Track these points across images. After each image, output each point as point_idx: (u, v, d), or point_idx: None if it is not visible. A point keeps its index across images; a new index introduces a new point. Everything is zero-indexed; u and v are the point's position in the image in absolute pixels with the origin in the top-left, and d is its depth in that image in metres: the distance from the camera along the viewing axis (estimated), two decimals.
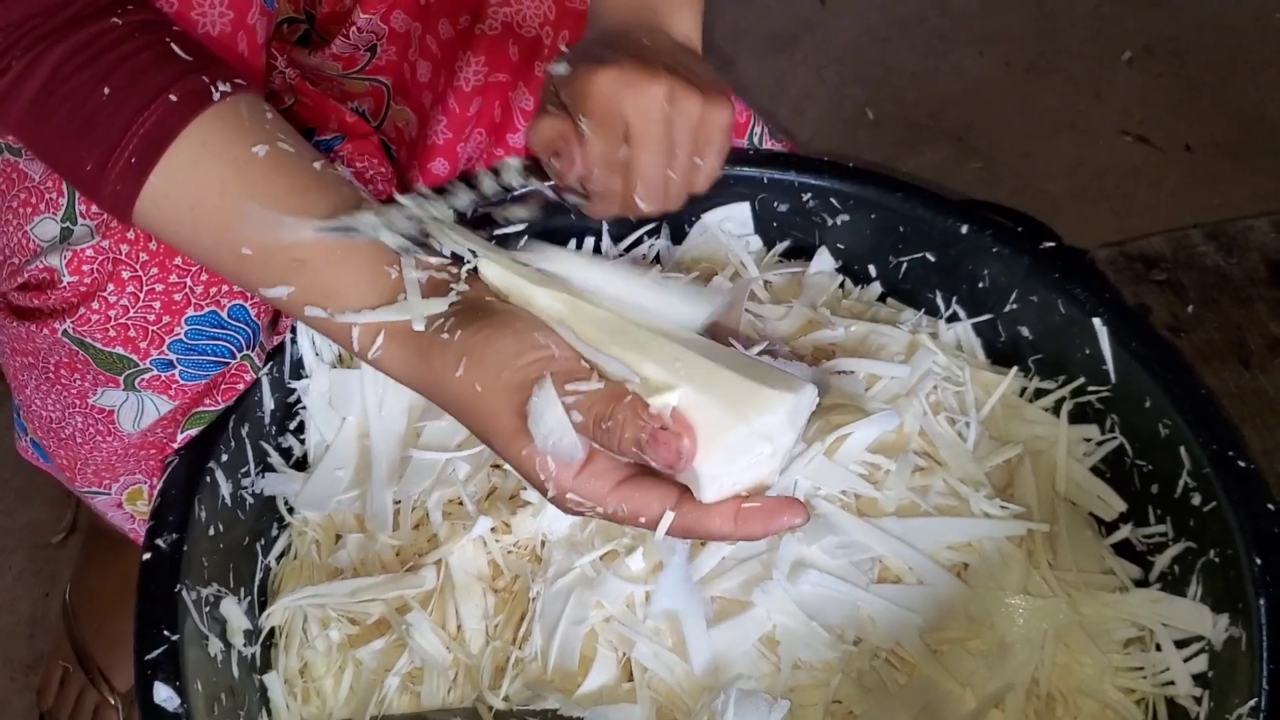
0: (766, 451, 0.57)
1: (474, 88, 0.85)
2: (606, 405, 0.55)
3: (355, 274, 0.59)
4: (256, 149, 0.58)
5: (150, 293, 0.69)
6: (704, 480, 0.55)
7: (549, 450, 0.56)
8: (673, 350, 0.57)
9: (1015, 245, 0.89)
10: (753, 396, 0.55)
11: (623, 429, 0.54)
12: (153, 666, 0.68)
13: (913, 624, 0.77)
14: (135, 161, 0.56)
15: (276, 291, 0.59)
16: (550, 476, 0.56)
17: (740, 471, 0.56)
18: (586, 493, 0.56)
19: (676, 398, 0.55)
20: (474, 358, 0.57)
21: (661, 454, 0.54)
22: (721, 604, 0.77)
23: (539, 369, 0.56)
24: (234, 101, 0.59)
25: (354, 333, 0.59)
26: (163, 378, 0.73)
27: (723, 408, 0.55)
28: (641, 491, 0.57)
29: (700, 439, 0.55)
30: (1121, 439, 0.86)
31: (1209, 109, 1.55)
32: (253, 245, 0.58)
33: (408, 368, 0.59)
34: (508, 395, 0.56)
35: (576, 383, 0.55)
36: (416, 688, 0.78)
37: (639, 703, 0.74)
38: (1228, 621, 0.74)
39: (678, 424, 0.55)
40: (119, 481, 0.81)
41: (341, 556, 0.83)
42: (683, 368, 0.56)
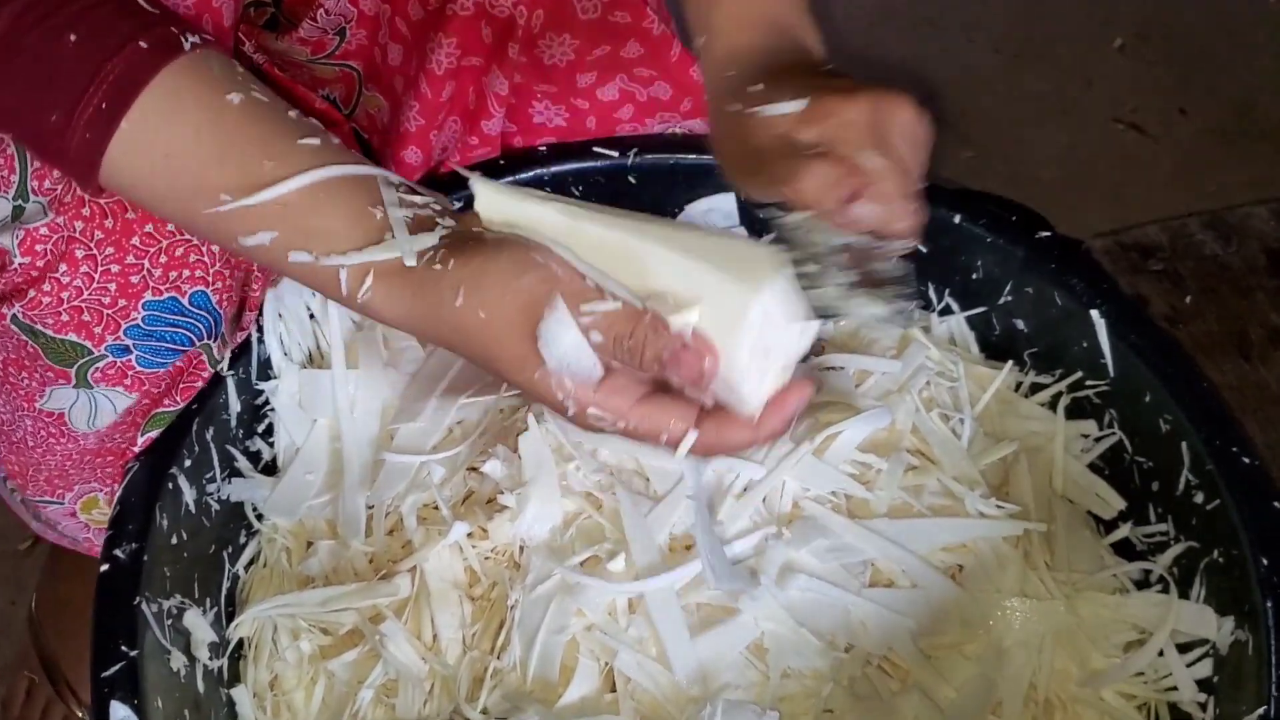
0: (792, 335, 0.55)
1: (446, 70, 0.82)
2: (627, 324, 0.53)
3: (339, 215, 0.57)
4: (231, 96, 0.57)
5: (106, 273, 0.66)
6: (741, 387, 0.54)
7: (563, 371, 0.54)
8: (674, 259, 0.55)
9: (1010, 235, 0.86)
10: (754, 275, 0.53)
11: (644, 347, 0.53)
12: (110, 684, 0.65)
13: (906, 629, 0.75)
14: (106, 107, 0.54)
15: (257, 239, 0.57)
16: (569, 394, 0.55)
17: (773, 366, 0.55)
18: (608, 408, 0.55)
19: (695, 316, 0.54)
20: (473, 284, 0.55)
21: (684, 372, 0.53)
22: (707, 611, 0.75)
23: (545, 288, 0.54)
24: (204, 53, 0.57)
25: (341, 275, 0.57)
26: (118, 364, 0.70)
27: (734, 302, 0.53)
28: (663, 409, 0.55)
29: (724, 346, 0.53)
30: (1120, 435, 0.83)
31: (1202, 96, 1.53)
32: (232, 190, 0.56)
33: (400, 306, 0.57)
34: (515, 318, 0.54)
35: (592, 303, 0.54)
36: (391, 700, 0.75)
37: (622, 714, 0.72)
38: (1233, 624, 0.72)
39: (698, 342, 0.53)
40: (73, 490, 0.78)
41: (313, 564, 0.80)
42: (687, 274, 0.54)
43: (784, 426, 0.56)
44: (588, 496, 0.78)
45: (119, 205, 0.66)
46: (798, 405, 0.55)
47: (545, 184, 0.88)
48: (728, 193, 0.93)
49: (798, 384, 0.55)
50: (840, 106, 0.58)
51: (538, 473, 0.77)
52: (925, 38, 1.59)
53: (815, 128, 0.58)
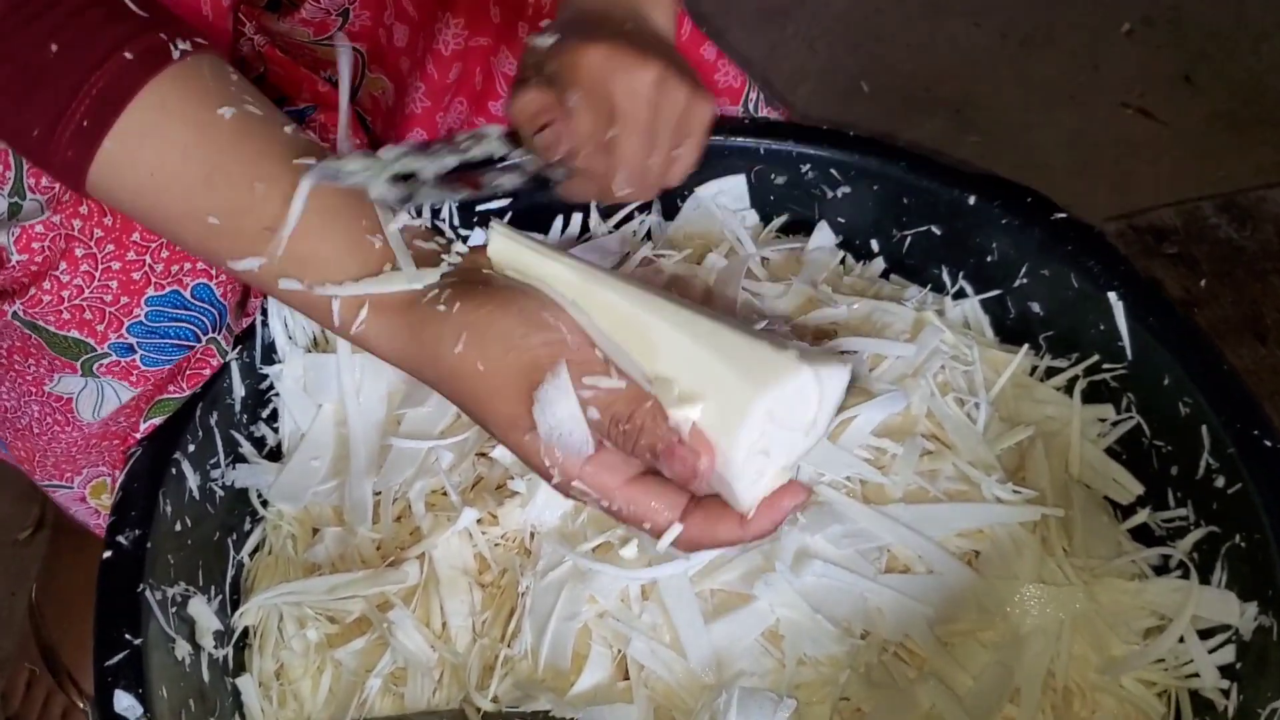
0: (796, 436, 0.54)
1: (453, 51, 0.81)
2: (627, 407, 0.52)
3: (334, 242, 0.55)
4: (222, 111, 0.54)
5: (106, 271, 0.64)
6: (736, 485, 0.53)
7: (553, 441, 0.53)
8: (684, 344, 0.54)
9: (1025, 217, 0.85)
10: (764, 380, 0.52)
11: (640, 435, 0.52)
12: (113, 673, 0.64)
13: (922, 615, 0.74)
14: (88, 125, 0.52)
15: (247, 264, 0.55)
16: (556, 463, 0.53)
17: (773, 466, 0.54)
18: (595, 484, 0.54)
19: (697, 413, 0.52)
20: (475, 333, 0.53)
21: (678, 469, 0.52)
22: (722, 597, 0.73)
23: (550, 353, 0.53)
24: (195, 61, 0.54)
25: (334, 306, 0.55)
26: (123, 363, 0.68)
27: (737, 398, 0.52)
28: (651, 495, 0.54)
29: (722, 444, 0.52)
30: (1138, 418, 0.82)
31: (1210, 81, 1.51)
32: (220, 213, 0.54)
33: (396, 343, 0.55)
34: (513, 377, 0.53)
35: (596, 377, 0.52)
36: (400, 689, 0.74)
37: (635, 702, 0.70)
38: (1256, 609, 0.71)
39: (696, 439, 0.52)
40: (81, 474, 0.77)
41: (319, 551, 0.78)
42: (694, 362, 0.53)
43: (773, 528, 0.55)
44: None
45: None
46: (790, 508, 0.54)
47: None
48: (738, 175, 0.92)
49: (792, 486, 0.54)
50: (577, 49, 0.58)
51: None
52: (931, 22, 1.58)
53: (553, 62, 0.59)
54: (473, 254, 0.58)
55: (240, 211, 0.54)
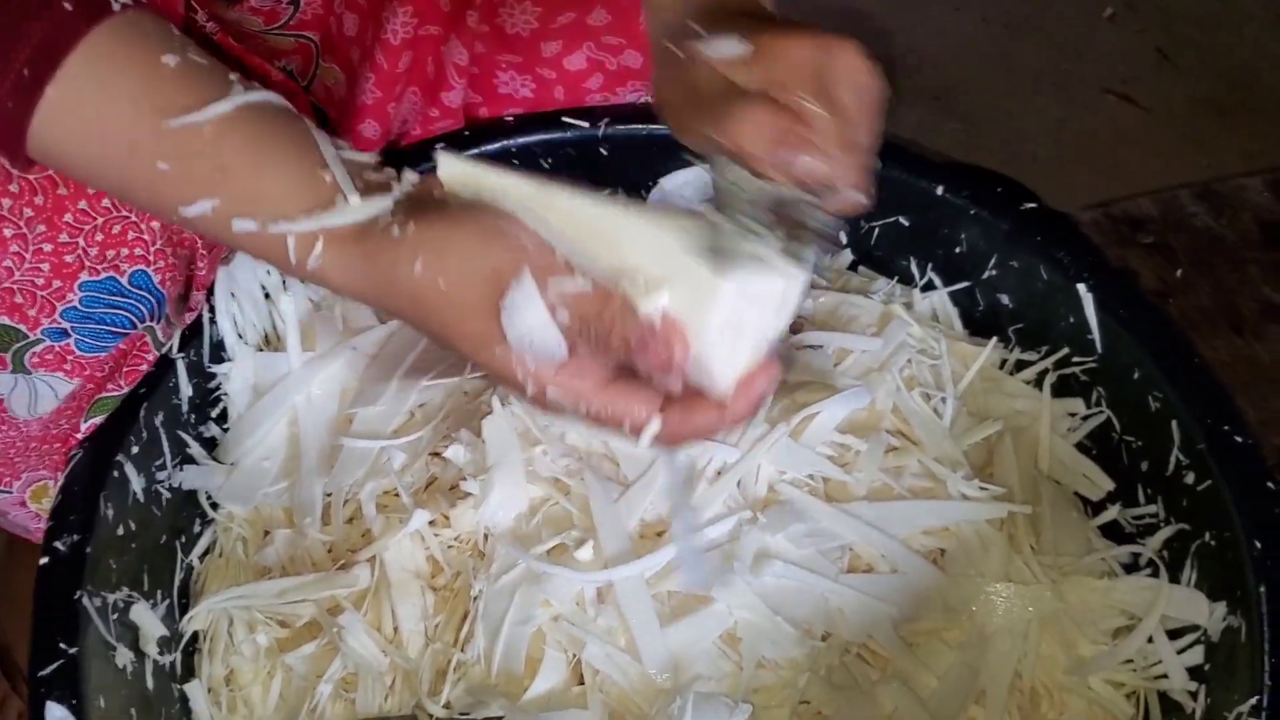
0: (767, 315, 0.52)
1: (403, 40, 0.79)
2: (595, 306, 0.51)
3: (284, 179, 0.54)
4: (166, 59, 0.53)
5: (38, 253, 0.63)
6: (712, 366, 0.51)
7: (524, 349, 0.51)
8: (646, 234, 0.52)
9: (994, 208, 0.83)
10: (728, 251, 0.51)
11: (612, 331, 0.50)
12: (46, 684, 0.62)
13: (886, 616, 0.72)
14: (28, 74, 0.51)
15: (199, 207, 0.54)
16: (529, 373, 0.52)
17: (747, 343, 0.52)
18: (570, 390, 0.52)
19: (666, 299, 0.50)
20: (433, 252, 0.52)
21: (652, 359, 0.50)
22: (679, 600, 0.72)
23: (512, 261, 0.51)
24: (137, 15, 0.54)
25: (289, 243, 0.54)
26: (56, 349, 0.67)
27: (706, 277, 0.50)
28: (627, 395, 0.52)
29: (694, 326, 0.50)
30: (1109, 413, 0.80)
31: (1194, 67, 1.50)
32: (169, 157, 0.53)
33: (353, 273, 0.54)
34: (477, 290, 0.51)
35: (560, 278, 0.51)
36: (351, 695, 0.72)
37: (590, 707, 0.69)
38: (1225, 610, 0.69)
39: (668, 328, 0.50)
40: (20, 478, 0.75)
41: (269, 554, 0.77)
42: (658, 251, 0.51)
43: (751, 409, 0.53)
44: (555, 482, 0.75)
45: (49, 181, 0.63)
46: (765, 386, 0.52)
47: (513, 156, 0.85)
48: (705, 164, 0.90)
49: (765, 365, 0.53)
50: (783, 49, 0.54)
51: (502, 458, 0.74)
52: (913, 8, 1.56)
53: (755, 71, 0.55)
54: (425, 182, 0.56)
55: (190, 154, 0.53)
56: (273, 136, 0.54)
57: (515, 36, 0.83)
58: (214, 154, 0.53)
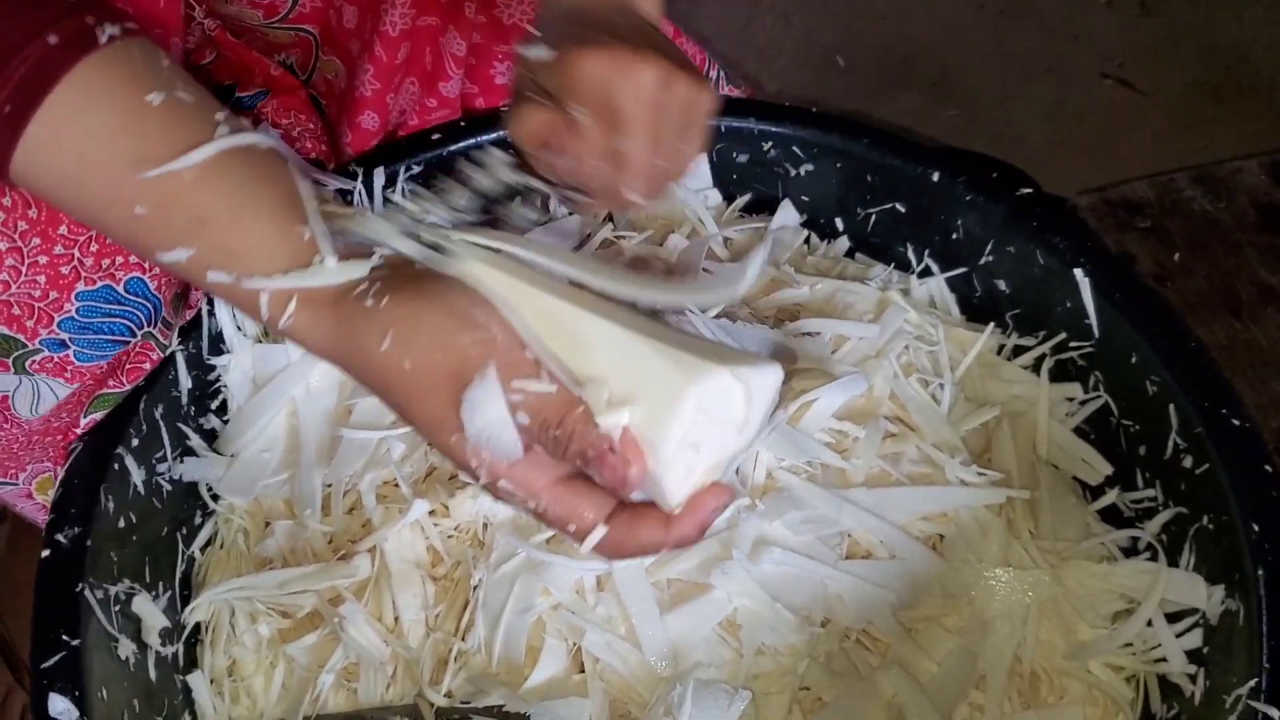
0: (728, 434, 0.52)
1: (401, 32, 0.79)
2: (557, 413, 0.50)
3: (262, 234, 0.53)
4: (150, 97, 0.52)
5: (33, 266, 0.62)
6: (664, 480, 0.51)
7: (481, 443, 0.51)
8: (616, 338, 0.52)
9: (990, 193, 0.83)
10: (695, 373, 0.50)
11: (570, 440, 0.50)
12: (48, 676, 0.63)
13: (885, 602, 0.72)
14: (10, 111, 0.50)
15: (175, 255, 0.53)
16: (484, 463, 0.51)
17: (703, 463, 0.51)
18: (521, 484, 0.52)
19: (627, 417, 0.50)
20: (403, 331, 0.51)
21: (608, 476, 0.50)
22: (679, 587, 0.72)
23: (480, 353, 0.50)
24: (124, 46, 0.52)
25: (262, 299, 0.53)
26: (56, 359, 0.66)
27: (669, 388, 0.50)
28: (578, 496, 0.52)
29: (652, 440, 0.50)
30: (1106, 398, 0.80)
31: (1191, 50, 1.49)
32: (147, 203, 0.52)
33: (324, 338, 0.53)
34: (441, 377, 0.51)
35: (525, 380, 0.50)
36: (353, 685, 0.73)
37: (590, 696, 0.69)
38: (1224, 593, 0.69)
39: (627, 446, 0.50)
40: (26, 470, 0.75)
41: (270, 545, 0.77)
42: (625, 358, 0.51)
43: (697, 532, 0.52)
44: None
45: None
46: (714, 510, 0.52)
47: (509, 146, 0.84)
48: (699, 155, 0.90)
49: (715, 487, 0.52)
50: (575, 59, 0.55)
51: None
52: None
53: (552, 77, 0.57)
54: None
55: (167, 201, 0.52)
56: (254, 187, 0.53)
57: (512, 26, 0.82)
58: (193, 203, 0.52)
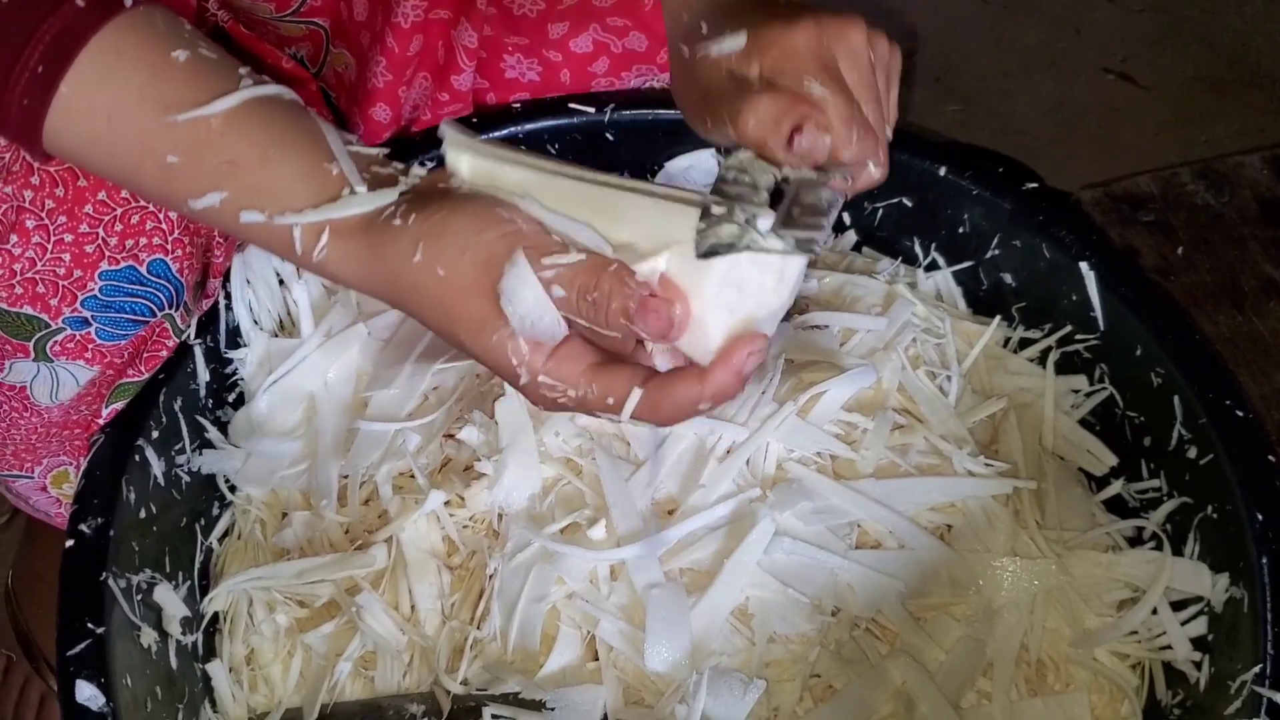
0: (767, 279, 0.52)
1: (413, 24, 0.80)
2: (591, 276, 0.51)
3: (292, 172, 0.54)
4: (176, 54, 0.54)
5: (59, 244, 0.64)
6: (713, 328, 0.51)
7: (527, 331, 0.52)
8: (644, 204, 0.53)
9: (996, 188, 0.84)
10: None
11: (610, 299, 0.50)
12: (75, 663, 0.63)
13: (894, 591, 0.73)
14: (42, 71, 0.51)
15: (208, 200, 0.54)
16: (523, 361, 0.52)
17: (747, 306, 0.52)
18: (559, 376, 0.53)
19: (664, 262, 0.51)
20: (432, 239, 0.52)
21: (652, 322, 0.50)
22: (691, 577, 0.73)
23: (507, 244, 0.51)
24: (148, 10, 0.54)
25: (295, 234, 0.54)
26: (78, 338, 0.67)
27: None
28: (611, 373, 0.53)
29: (691, 289, 0.51)
30: (1111, 389, 0.81)
31: (1192, 44, 1.50)
32: (178, 151, 0.54)
33: (357, 264, 0.55)
34: (475, 275, 0.52)
35: (554, 255, 0.51)
36: (370, 673, 0.74)
37: (605, 683, 0.70)
38: (1228, 581, 0.71)
39: (666, 289, 0.51)
40: (42, 464, 0.76)
41: (287, 535, 0.78)
42: (656, 218, 0.52)
43: (734, 380, 0.52)
44: (567, 462, 0.76)
45: (70, 173, 0.63)
46: (749, 354, 0.51)
47: (520, 141, 0.86)
48: (707, 149, 0.91)
49: (749, 335, 0.51)
50: (781, 35, 0.55)
51: (515, 439, 0.75)
52: None
53: (758, 61, 0.55)
54: (431, 174, 0.57)
55: (198, 148, 0.54)
56: (281, 129, 0.55)
57: (522, 18, 0.83)
58: (222, 147, 0.54)
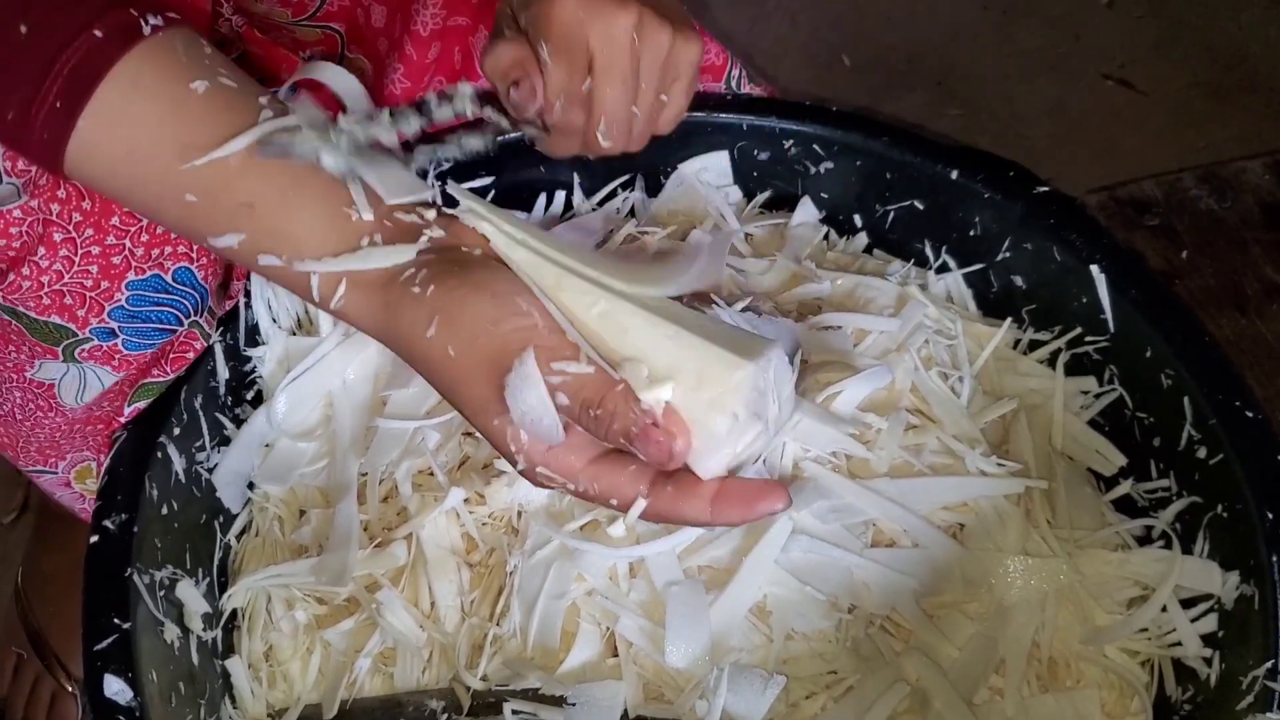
0: (755, 429, 0.53)
1: (432, 31, 0.80)
2: (596, 392, 0.51)
3: (311, 217, 0.55)
4: (195, 85, 0.53)
5: (86, 256, 0.64)
6: (710, 460, 0.52)
7: (527, 427, 0.52)
8: (654, 329, 0.53)
9: (1007, 191, 0.85)
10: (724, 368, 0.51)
11: (612, 419, 0.51)
12: (102, 658, 0.64)
13: (908, 588, 0.74)
14: (61, 105, 0.51)
15: (226, 240, 0.55)
16: (522, 449, 0.53)
17: (734, 448, 0.53)
18: (559, 468, 0.53)
19: (669, 393, 0.51)
20: (447, 318, 0.52)
21: (652, 452, 0.51)
22: (710, 574, 0.74)
23: (521, 339, 0.52)
24: (167, 36, 0.54)
25: (313, 282, 0.55)
26: (105, 347, 0.68)
27: (709, 372, 0.51)
28: (615, 471, 0.53)
29: (690, 418, 0.51)
30: (1121, 391, 0.82)
31: (1191, 50, 1.52)
32: (197, 191, 0.54)
33: (373, 321, 0.55)
34: (483, 363, 0.52)
35: (564, 362, 0.51)
36: (389, 669, 0.74)
37: (624, 679, 0.71)
38: (1238, 579, 0.71)
39: (670, 421, 0.51)
40: (65, 459, 0.77)
41: (305, 533, 0.78)
42: (666, 343, 0.52)
43: (740, 521, 0.53)
44: None
45: None
46: (765, 510, 0.52)
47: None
48: (721, 151, 0.92)
49: (776, 489, 0.52)
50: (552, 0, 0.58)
51: None
52: None
53: (525, 14, 0.59)
54: (454, 229, 0.57)
55: (216, 188, 0.54)
56: (299, 170, 0.54)
57: None
58: (240, 188, 0.54)
